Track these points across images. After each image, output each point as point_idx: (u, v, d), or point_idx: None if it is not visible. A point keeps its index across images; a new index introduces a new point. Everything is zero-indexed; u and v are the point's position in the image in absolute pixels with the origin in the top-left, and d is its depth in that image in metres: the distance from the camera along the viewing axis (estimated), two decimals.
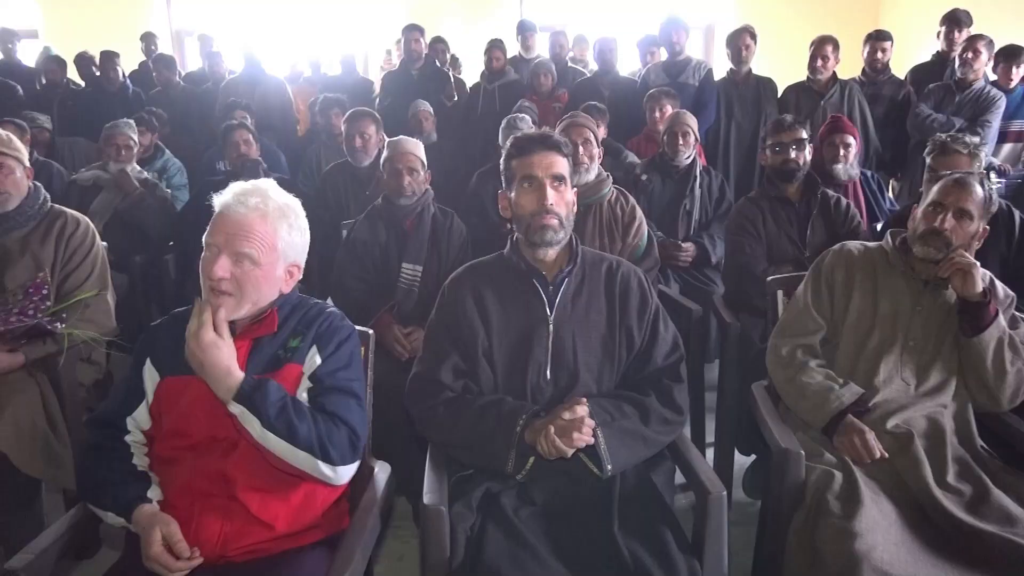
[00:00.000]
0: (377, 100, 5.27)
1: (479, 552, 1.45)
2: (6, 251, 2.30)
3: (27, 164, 2.37)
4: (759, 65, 4.57)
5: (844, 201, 2.86)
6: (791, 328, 1.98)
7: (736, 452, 2.64)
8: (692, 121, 3.47)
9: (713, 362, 3.25)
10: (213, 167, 4.30)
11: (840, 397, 1.81)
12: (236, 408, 1.39)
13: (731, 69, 4.49)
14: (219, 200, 1.51)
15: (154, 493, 1.47)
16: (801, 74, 4.47)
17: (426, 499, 1.52)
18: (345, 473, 1.48)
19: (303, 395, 1.51)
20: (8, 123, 3.77)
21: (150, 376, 1.55)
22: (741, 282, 2.79)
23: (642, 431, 1.64)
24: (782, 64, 5.01)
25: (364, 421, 1.57)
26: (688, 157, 3.43)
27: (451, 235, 2.77)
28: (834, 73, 4.35)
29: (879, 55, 4.46)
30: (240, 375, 1.41)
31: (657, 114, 4.01)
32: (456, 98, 5.39)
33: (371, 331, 1.78)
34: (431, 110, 4.57)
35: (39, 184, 2.44)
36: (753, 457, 2.63)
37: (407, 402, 1.74)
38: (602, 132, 3.95)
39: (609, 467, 1.57)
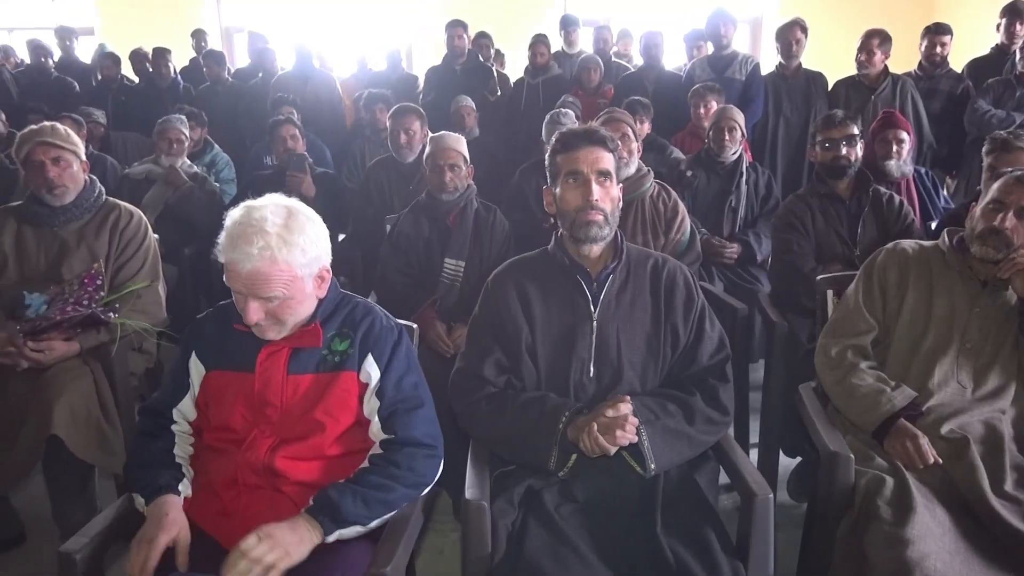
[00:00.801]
0: (421, 95, 5.30)
1: (520, 548, 1.45)
2: (63, 242, 2.37)
3: (84, 158, 2.44)
4: (808, 59, 4.47)
5: (897, 198, 2.78)
6: (841, 328, 1.93)
7: (781, 454, 2.59)
8: (739, 116, 3.41)
9: (757, 362, 3.19)
10: (260, 161, 4.37)
11: (892, 400, 1.75)
12: (333, 536, 1.39)
13: (780, 63, 4.40)
14: (220, 250, 1.45)
15: (184, 488, 1.49)
16: (852, 68, 4.36)
17: (468, 494, 1.52)
18: (437, 475, 1.56)
19: (373, 415, 1.53)
20: (65, 118, 3.89)
21: (196, 369, 1.58)
22: (788, 281, 2.73)
23: (686, 430, 1.62)
24: (833, 58, 4.89)
25: (435, 422, 1.59)
26: (734, 153, 3.37)
27: (494, 230, 2.77)
28: (886, 67, 4.23)
29: (937, 49, 4.31)
30: (316, 530, 1.37)
31: (702, 110, 3.94)
32: (499, 93, 5.39)
33: (415, 325, 1.79)
34: (473, 105, 4.57)
35: (95, 177, 2.51)
36: (798, 459, 2.58)
37: (450, 397, 1.75)
38: (646, 128, 3.92)
39: (652, 466, 1.55)
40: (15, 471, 2.11)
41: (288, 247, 1.43)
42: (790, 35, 4.29)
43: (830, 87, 4.39)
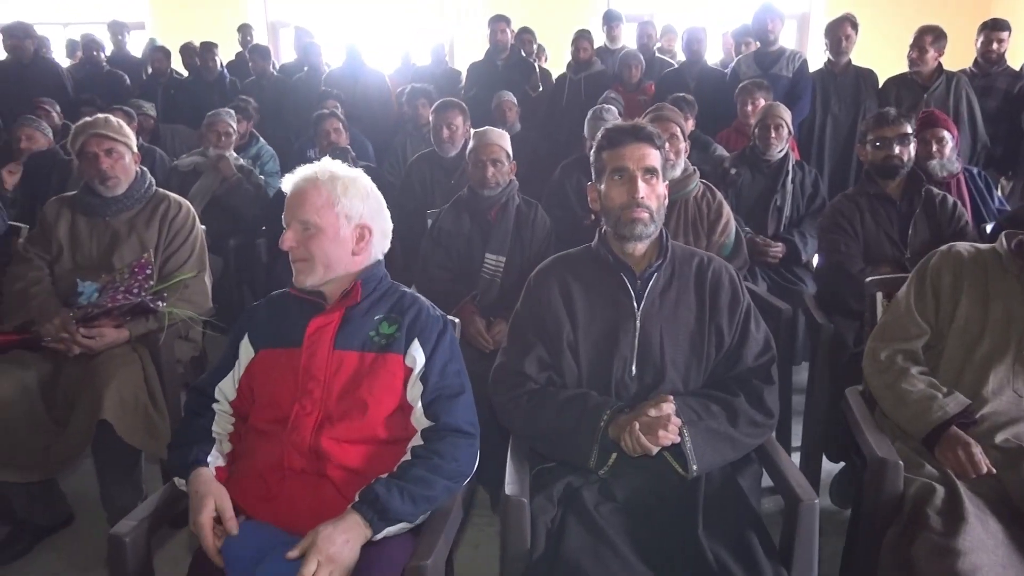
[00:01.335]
0: (462, 90, 5.31)
1: (559, 545, 1.44)
2: (115, 232, 2.42)
3: (135, 150, 2.49)
4: (858, 56, 4.37)
5: (950, 199, 2.71)
6: (891, 332, 1.88)
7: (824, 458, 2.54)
8: (786, 113, 3.35)
9: (800, 364, 3.14)
10: (304, 154, 4.42)
11: (944, 407, 1.70)
12: (381, 535, 1.41)
13: (829, 59, 4.30)
14: (284, 182, 1.62)
15: (214, 458, 1.54)
16: (905, 66, 4.24)
17: (508, 490, 1.52)
18: (473, 470, 1.57)
19: (416, 400, 1.55)
20: (118, 111, 3.98)
21: (245, 351, 1.63)
22: (835, 282, 2.67)
23: (730, 432, 1.60)
24: (884, 55, 4.77)
25: (474, 410, 1.61)
26: (780, 151, 3.31)
27: (535, 226, 2.76)
28: (939, 64, 4.11)
29: (994, 46, 4.18)
30: (365, 528, 1.38)
31: (749, 107, 3.88)
32: (541, 89, 5.37)
33: (457, 320, 1.80)
34: (515, 100, 4.57)
35: (145, 169, 2.56)
36: (841, 464, 2.53)
37: (490, 392, 1.75)
38: (690, 125, 3.86)
39: (695, 467, 1.53)
40: (67, 454, 2.16)
41: (332, 181, 1.58)
42: (840, 31, 4.19)
43: (881, 85, 4.29)
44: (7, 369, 2.17)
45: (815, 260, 3.28)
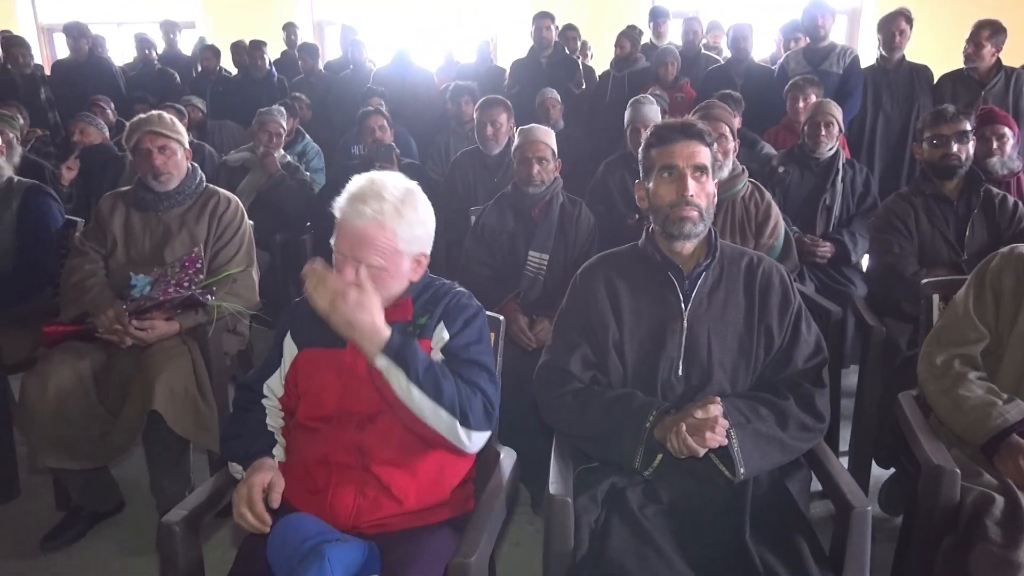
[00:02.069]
0: (505, 88, 5.31)
1: (603, 546, 1.43)
2: (166, 227, 2.47)
3: (187, 147, 2.54)
4: (912, 52, 4.25)
5: (1011, 200, 2.61)
6: (949, 336, 1.82)
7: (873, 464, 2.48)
8: (836, 111, 3.27)
9: (848, 367, 3.06)
10: (349, 151, 4.47)
11: (1004, 414, 1.64)
12: (382, 362, 1.38)
13: (881, 55, 4.20)
14: (337, 206, 1.50)
15: (279, 452, 1.56)
16: (959, 61, 4.11)
17: (552, 489, 1.51)
18: (478, 440, 1.49)
19: None
20: (170, 107, 4.07)
21: (289, 348, 1.63)
22: (888, 284, 2.60)
23: (779, 436, 1.56)
24: (937, 52, 4.63)
25: (497, 394, 1.56)
26: (831, 149, 3.23)
27: (579, 224, 2.75)
28: (998, 60, 3.97)
29: None
30: (387, 330, 1.40)
31: (801, 104, 3.79)
32: (584, 86, 5.34)
33: (502, 317, 1.79)
34: (558, 98, 4.55)
35: (196, 165, 2.61)
36: (891, 470, 2.46)
37: (535, 390, 1.73)
38: (736, 122, 3.79)
39: (742, 471, 1.50)
40: (120, 443, 2.22)
41: (399, 218, 1.48)
42: (894, 26, 4.08)
43: (935, 81, 4.16)
44: (65, 359, 2.24)
45: (864, 261, 3.21)
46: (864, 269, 3.20)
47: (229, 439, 1.62)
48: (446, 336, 1.55)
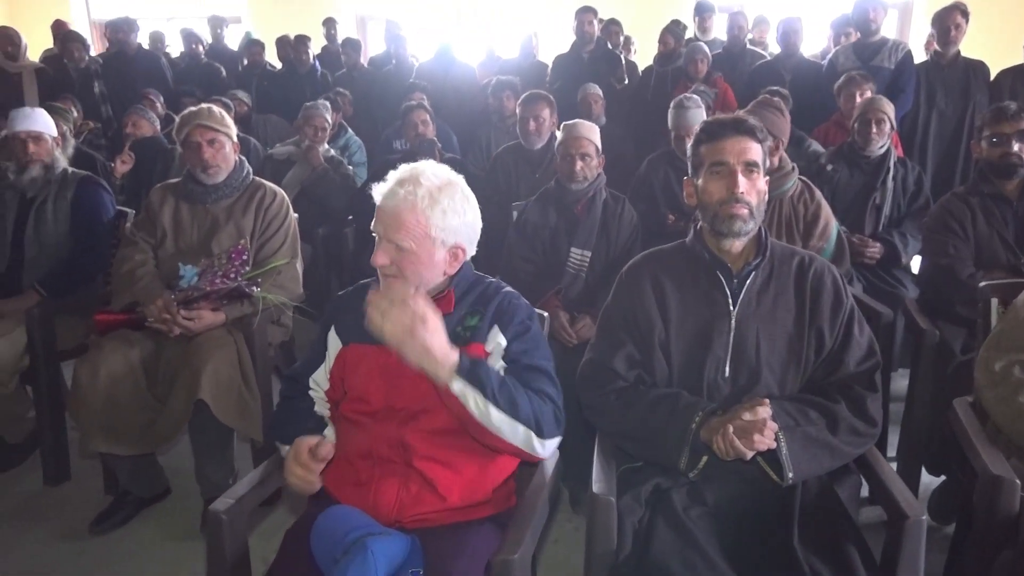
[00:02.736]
0: (547, 83, 5.29)
1: (647, 547, 1.41)
2: (214, 219, 2.51)
3: (235, 140, 2.57)
4: (968, 47, 4.12)
5: None
6: (1008, 341, 1.76)
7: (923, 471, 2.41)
8: (888, 107, 3.18)
9: (897, 371, 2.99)
10: (390, 145, 4.50)
11: None
12: (458, 385, 1.37)
13: (935, 50, 4.08)
14: (377, 189, 1.52)
15: (329, 434, 1.58)
16: (1018, 57, 3.98)
17: (595, 488, 1.49)
18: (551, 447, 1.49)
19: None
20: (217, 101, 4.12)
21: (333, 343, 1.64)
22: (943, 286, 2.52)
23: (829, 440, 1.52)
24: (993, 47, 4.48)
25: (561, 398, 1.55)
26: (882, 147, 3.15)
27: (621, 221, 2.72)
28: None
29: None
30: (456, 354, 1.38)
31: (857, 99, 3.68)
32: (627, 81, 5.29)
33: (545, 313, 1.78)
34: (600, 93, 4.51)
35: (243, 158, 2.65)
36: (942, 478, 2.40)
37: (578, 388, 1.72)
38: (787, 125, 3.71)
39: (791, 475, 1.47)
40: (168, 430, 2.26)
41: (432, 204, 1.47)
42: (949, 20, 3.97)
43: (992, 77, 4.03)
44: (116, 347, 2.29)
45: (915, 262, 3.12)
46: (914, 271, 3.12)
47: (279, 425, 1.63)
48: (502, 341, 1.54)
